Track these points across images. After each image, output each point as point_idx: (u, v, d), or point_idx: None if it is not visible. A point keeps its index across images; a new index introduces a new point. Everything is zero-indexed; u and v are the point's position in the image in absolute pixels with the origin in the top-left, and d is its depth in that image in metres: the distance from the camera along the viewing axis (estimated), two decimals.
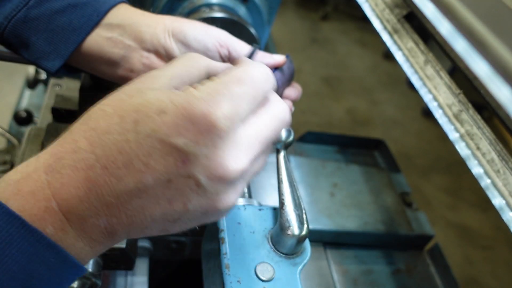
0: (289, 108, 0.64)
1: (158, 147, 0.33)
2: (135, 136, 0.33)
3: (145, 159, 0.33)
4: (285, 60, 0.63)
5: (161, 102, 0.34)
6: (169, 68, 0.39)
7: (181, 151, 0.33)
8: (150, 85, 0.37)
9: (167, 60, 0.56)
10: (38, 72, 1.21)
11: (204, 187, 0.35)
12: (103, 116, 0.35)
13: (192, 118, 0.33)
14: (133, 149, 0.33)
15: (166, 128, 0.33)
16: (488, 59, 0.42)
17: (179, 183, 0.34)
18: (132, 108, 0.34)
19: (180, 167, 0.34)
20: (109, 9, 0.54)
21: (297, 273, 0.51)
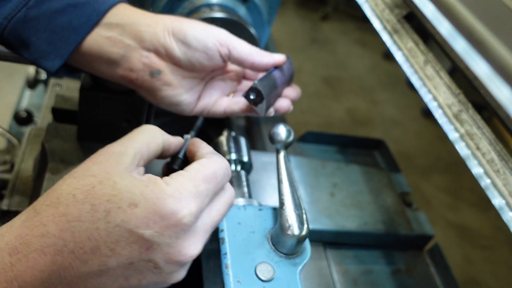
0: (288, 106, 0.64)
1: (126, 235, 0.37)
2: (105, 225, 0.36)
3: (112, 245, 0.36)
4: (285, 59, 0.63)
5: (133, 194, 0.37)
6: (131, 145, 0.42)
7: (147, 240, 0.37)
8: (116, 168, 0.39)
9: (167, 60, 0.56)
10: (38, 72, 1.21)
11: (161, 268, 0.39)
12: (74, 202, 0.37)
13: (161, 213, 0.37)
14: (102, 236, 0.36)
15: (136, 220, 0.37)
16: (488, 59, 0.42)
17: (139, 265, 0.38)
18: (105, 198, 0.37)
19: (143, 253, 0.38)
20: (109, 8, 0.54)
21: (297, 273, 0.51)
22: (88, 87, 0.66)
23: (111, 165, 0.40)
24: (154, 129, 0.46)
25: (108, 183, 0.38)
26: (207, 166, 0.43)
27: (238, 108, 0.61)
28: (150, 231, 0.37)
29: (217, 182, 0.43)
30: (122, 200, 0.37)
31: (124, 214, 0.37)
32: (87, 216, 0.36)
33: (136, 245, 0.37)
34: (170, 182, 0.40)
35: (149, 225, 0.37)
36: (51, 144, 0.70)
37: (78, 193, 0.37)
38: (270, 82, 0.59)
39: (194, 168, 0.43)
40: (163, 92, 0.57)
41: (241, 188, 0.65)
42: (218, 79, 0.63)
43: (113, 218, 0.36)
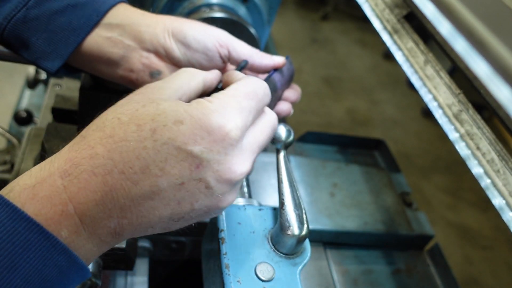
0: (289, 109, 0.64)
1: (175, 153, 0.36)
2: (152, 143, 0.36)
3: (162, 164, 0.36)
4: (285, 61, 0.63)
5: (177, 112, 0.37)
6: (172, 81, 0.42)
7: (196, 157, 0.36)
8: (158, 96, 0.39)
9: (167, 60, 0.56)
10: (38, 72, 1.20)
11: (212, 188, 0.38)
12: (119, 124, 0.37)
13: (207, 128, 0.37)
14: (150, 155, 0.35)
15: (183, 136, 0.36)
16: (488, 59, 0.42)
17: (190, 186, 0.37)
18: (149, 117, 0.36)
19: (194, 171, 0.37)
20: (109, 9, 0.54)
21: (297, 273, 0.51)
22: (88, 87, 0.66)
23: (153, 94, 0.40)
24: (192, 69, 0.46)
25: (152, 105, 0.38)
26: (247, 84, 0.43)
27: None
28: (198, 147, 0.36)
29: (258, 99, 0.43)
30: (167, 118, 0.36)
31: (171, 131, 0.36)
32: (134, 136, 0.36)
33: (186, 163, 0.36)
34: (212, 100, 0.39)
35: (196, 140, 0.36)
36: (51, 144, 0.70)
37: (123, 116, 0.37)
38: (270, 86, 0.59)
39: (233, 87, 0.42)
40: None
41: (241, 188, 0.65)
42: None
43: (160, 136, 0.36)
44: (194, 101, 0.39)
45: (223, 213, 0.54)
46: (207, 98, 0.40)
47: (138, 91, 0.41)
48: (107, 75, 0.57)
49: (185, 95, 0.42)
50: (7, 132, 1.07)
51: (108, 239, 0.37)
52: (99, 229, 0.36)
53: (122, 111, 0.38)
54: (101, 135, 0.36)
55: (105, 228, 0.36)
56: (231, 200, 0.41)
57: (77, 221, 0.35)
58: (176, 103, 0.38)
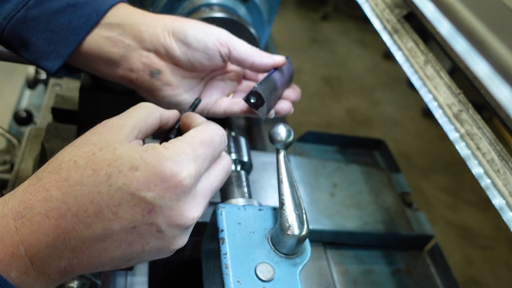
0: (289, 108, 0.64)
1: (128, 198, 0.37)
2: (107, 188, 0.37)
3: (115, 209, 0.37)
4: (285, 61, 0.63)
5: (133, 158, 0.38)
6: (129, 118, 0.43)
7: (149, 203, 0.38)
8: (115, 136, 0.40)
9: (167, 60, 0.56)
10: (38, 72, 1.20)
11: (163, 232, 0.39)
12: (75, 167, 0.38)
13: (161, 176, 0.38)
14: (104, 199, 0.37)
15: (137, 183, 0.37)
16: (488, 59, 0.42)
17: (142, 229, 0.38)
18: (105, 162, 0.38)
19: (146, 216, 0.38)
20: (109, 8, 0.54)
21: (297, 273, 0.51)
22: (88, 87, 0.66)
23: (110, 134, 0.41)
24: (150, 105, 0.47)
25: (108, 149, 0.38)
26: (204, 132, 0.44)
27: (239, 109, 0.61)
28: (151, 193, 0.37)
29: (214, 147, 0.44)
30: (122, 164, 0.37)
31: (125, 177, 0.37)
32: (89, 180, 0.37)
33: (138, 208, 0.37)
34: (168, 146, 0.40)
35: (150, 187, 0.37)
36: (51, 144, 0.70)
37: (79, 159, 0.38)
38: (270, 85, 0.59)
39: (191, 134, 0.44)
40: (163, 92, 0.57)
41: (241, 188, 0.65)
42: (218, 79, 0.63)
43: (115, 182, 0.37)
44: (150, 147, 0.40)
45: (223, 213, 0.54)
46: (163, 144, 0.41)
47: (95, 129, 0.41)
48: (107, 75, 0.57)
49: (141, 132, 0.44)
50: (7, 132, 1.07)
51: (57, 278, 0.37)
52: (49, 269, 0.36)
53: (78, 154, 0.38)
54: (56, 178, 0.37)
55: (54, 268, 0.37)
56: (182, 243, 0.42)
57: (27, 262, 0.35)
58: (132, 149, 0.39)
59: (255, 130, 1.10)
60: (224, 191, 0.66)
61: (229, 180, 0.66)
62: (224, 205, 0.54)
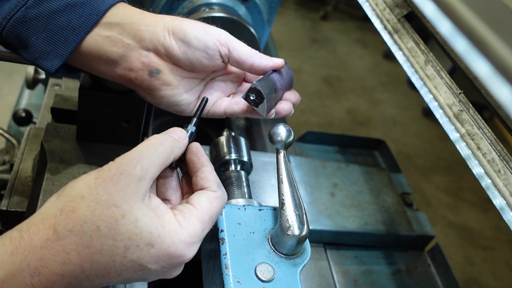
0: (290, 108, 0.64)
1: (136, 267, 0.42)
2: (121, 259, 0.41)
3: (121, 272, 0.42)
4: (284, 63, 0.63)
5: (151, 235, 0.42)
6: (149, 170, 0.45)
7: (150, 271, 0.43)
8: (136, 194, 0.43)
9: (167, 59, 0.55)
10: (38, 72, 1.20)
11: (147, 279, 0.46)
12: (98, 235, 0.41)
13: (171, 256, 0.43)
14: (116, 267, 0.41)
15: (149, 258, 0.42)
16: (488, 59, 0.42)
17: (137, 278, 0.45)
18: (126, 235, 0.41)
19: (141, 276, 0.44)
20: (108, 8, 0.54)
21: (297, 273, 0.50)
22: (87, 87, 0.66)
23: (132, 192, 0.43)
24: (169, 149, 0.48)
25: (131, 218, 0.42)
26: (215, 205, 0.48)
27: (239, 109, 0.61)
28: (156, 266, 0.43)
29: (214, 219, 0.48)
30: (141, 240, 0.42)
31: (141, 252, 0.42)
32: (108, 251, 0.41)
33: (140, 272, 0.43)
34: (183, 223, 0.45)
35: (158, 262, 0.43)
36: (50, 144, 0.70)
37: (102, 226, 0.41)
38: (270, 83, 0.59)
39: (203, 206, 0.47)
40: (162, 91, 0.57)
41: (241, 188, 0.65)
42: (219, 80, 0.63)
43: (131, 255, 0.41)
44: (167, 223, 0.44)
45: (223, 213, 0.53)
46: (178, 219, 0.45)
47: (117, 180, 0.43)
48: (106, 74, 0.56)
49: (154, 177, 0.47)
50: (6, 132, 1.07)
51: None
52: None
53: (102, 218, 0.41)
54: (77, 242, 0.40)
55: None
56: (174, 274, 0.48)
57: None
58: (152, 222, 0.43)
59: (255, 130, 1.10)
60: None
61: (229, 180, 0.66)
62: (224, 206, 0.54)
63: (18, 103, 1.41)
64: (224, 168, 0.69)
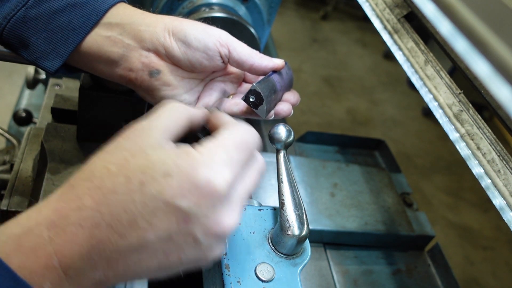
0: (289, 110, 0.64)
1: (162, 207, 0.36)
2: (141, 196, 0.36)
3: (149, 218, 0.36)
4: (284, 63, 0.63)
5: (166, 165, 0.37)
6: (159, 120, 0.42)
7: (184, 212, 0.36)
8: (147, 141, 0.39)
9: (167, 60, 0.56)
10: (38, 72, 1.20)
11: (200, 242, 0.38)
12: (108, 175, 0.37)
13: (196, 183, 0.36)
14: (138, 208, 0.36)
15: (171, 190, 0.36)
16: (488, 59, 0.42)
17: (178, 239, 0.37)
18: (138, 169, 0.37)
19: (182, 226, 0.37)
20: (108, 8, 0.54)
21: (297, 273, 0.50)
22: (87, 87, 0.66)
23: (142, 139, 0.39)
24: (179, 105, 0.45)
25: (141, 155, 0.38)
26: (238, 133, 0.42)
27: (238, 110, 0.61)
28: (186, 201, 0.36)
29: (249, 149, 0.42)
30: (156, 171, 0.36)
31: (159, 184, 0.36)
32: (122, 188, 0.36)
33: (174, 217, 0.36)
34: (202, 151, 0.39)
35: (184, 195, 0.36)
36: (51, 144, 0.70)
37: (112, 167, 0.37)
38: (269, 85, 0.59)
39: (224, 136, 0.42)
40: (162, 92, 0.57)
41: None
42: (218, 81, 0.63)
43: (148, 189, 0.36)
44: (183, 151, 0.39)
45: None
46: (196, 148, 0.39)
47: (126, 135, 0.40)
48: (106, 74, 0.56)
49: (172, 135, 0.42)
50: (6, 132, 1.07)
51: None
52: (83, 281, 0.36)
53: (111, 160, 0.38)
54: (89, 186, 0.37)
55: (89, 280, 0.36)
56: (219, 252, 0.41)
57: (61, 274, 0.34)
58: (165, 154, 0.38)
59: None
60: None
61: None
62: None
63: (18, 103, 1.41)
64: None
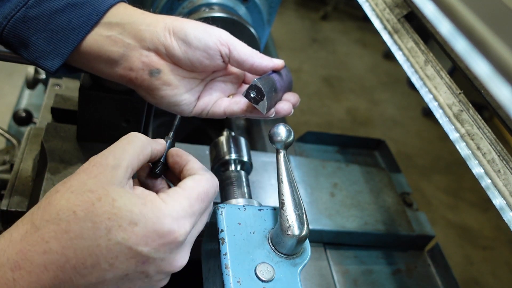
0: (289, 109, 0.64)
1: (125, 252, 0.39)
2: (106, 242, 0.39)
3: (112, 261, 0.39)
4: (283, 64, 0.63)
5: (132, 213, 0.40)
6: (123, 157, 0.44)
7: (144, 256, 0.40)
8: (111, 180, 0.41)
9: (167, 59, 0.56)
10: (38, 72, 1.20)
11: (151, 277, 0.43)
12: (75, 219, 0.39)
13: (159, 232, 0.40)
14: (103, 253, 0.39)
15: (136, 238, 0.39)
16: (488, 59, 0.42)
17: (133, 276, 0.41)
18: (105, 215, 0.39)
19: (139, 266, 0.41)
20: (109, 8, 0.54)
21: (297, 273, 0.50)
22: (87, 87, 0.66)
23: (106, 179, 0.41)
24: (143, 139, 0.47)
25: (107, 200, 0.40)
26: (201, 184, 0.46)
27: (239, 109, 0.61)
28: (148, 248, 0.40)
29: (209, 200, 0.47)
30: (122, 219, 0.39)
31: (125, 232, 0.39)
32: (89, 234, 0.38)
33: (134, 260, 0.40)
34: (167, 200, 0.43)
35: (148, 242, 0.40)
36: (51, 144, 0.70)
37: (79, 210, 0.39)
38: (270, 82, 0.59)
39: (188, 185, 0.46)
40: (162, 91, 0.57)
41: (241, 188, 0.65)
42: (219, 81, 0.63)
43: (114, 236, 0.39)
44: (149, 200, 0.42)
45: (223, 213, 0.53)
46: (161, 196, 0.43)
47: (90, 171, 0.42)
48: (106, 74, 0.56)
49: (133, 170, 0.45)
50: (6, 132, 1.07)
51: None
52: None
53: (77, 203, 0.39)
54: (56, 229, 0.38)
55: None
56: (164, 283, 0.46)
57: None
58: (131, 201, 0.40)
59: (255, 130, 1.10)
60: (224, 191, 0.65)
61: (229, 180, 0.66)
62: (224, 205, 0.54)
63: (18, 103, 1.41)
64: (224, 168, 0.69)
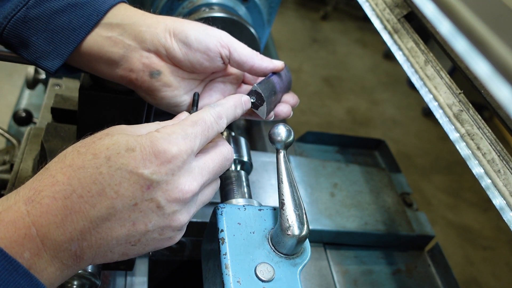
0: (289, 111, 0.64)
1: (127, 177, 0.41)
2: (107, 169, 0.41)
3: (116, 187, 0.41)
4: (283, 65, 0.63)
5: (129, 141, 0.42)
6: None
7: (146, 179, 0.41)
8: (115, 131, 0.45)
9: (167, 60, 0.56)
10: (38, 72, 1.20)
11: (163, 208, 0.43)
12: (78, 155, 0.42)
13: (155, 153, 0.42)
14: (106, 179, 0.40)
15: (134, 161, 0.41)
16: (488, 59, 0.42)
17: (143, 206, 0.42)
18: (104, 147, 0.42)
19: (145, 192, 0.42)
20: (109, 8, 0.54)
21: (297, 273, 0.50)
22: (87, 87, 0.66)
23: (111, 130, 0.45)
24: None
25: (107, 137, 0.43)
26: (194, 114, 0.48)
27: None
28: (148, 170, 0.41)
29: (206, 126, 0.47)
30: (120, 147, 0.42)
31: (123, 157, 0.41)
32: (90, 164, 0.41)
33: (138, 185, 0.41)
34: (160, 130, 0.45)
35: (146, 164, 0.41)
36: (51, 144, 0.70)
37: (81, 148, 0.42)
38: (269, 86, 0.59)
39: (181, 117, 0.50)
40: (162, 92, 0.57)
41: (241, 188, 0.65)
42: (218, 82, 0.63)
43: (114, 163, 0.41)
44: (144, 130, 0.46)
45: (223, 213, 0.53)
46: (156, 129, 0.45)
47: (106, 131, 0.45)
48: (106, 75, 0.56)
49: None
50: (6, 132, 1.07)
51: (69, 263, 0.40)
52: (60, 252, 0.39)
53: (80, 145, 0.43)
54: (61, 165, 0.41)
55: (66, 251, 0.39)
56: (182, 220, 0.46)
57: (39, 244, 0.38)
58: (128, 135, 0.43)
59: (255, 130, 1.10)
60: (224, 191, 0.65)
61: (229, 180, 0.66)
62: (224, 205, 0.54)
63: (18, 103, 1.41)
64: None
